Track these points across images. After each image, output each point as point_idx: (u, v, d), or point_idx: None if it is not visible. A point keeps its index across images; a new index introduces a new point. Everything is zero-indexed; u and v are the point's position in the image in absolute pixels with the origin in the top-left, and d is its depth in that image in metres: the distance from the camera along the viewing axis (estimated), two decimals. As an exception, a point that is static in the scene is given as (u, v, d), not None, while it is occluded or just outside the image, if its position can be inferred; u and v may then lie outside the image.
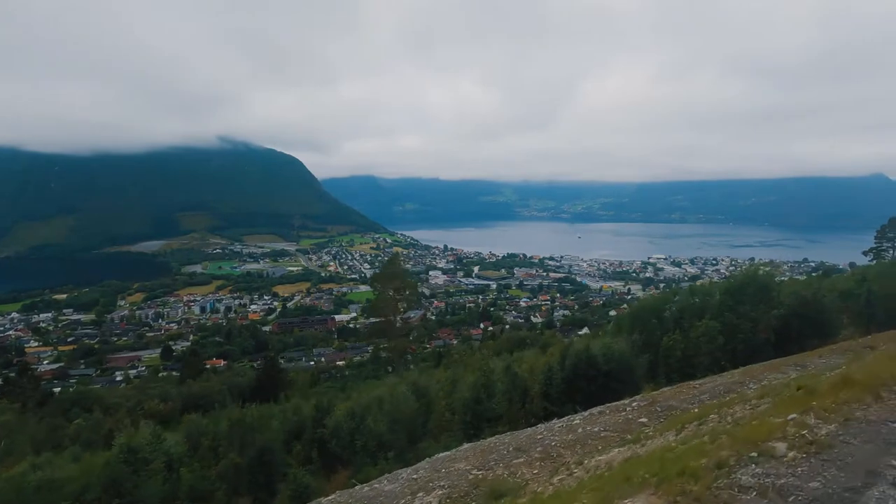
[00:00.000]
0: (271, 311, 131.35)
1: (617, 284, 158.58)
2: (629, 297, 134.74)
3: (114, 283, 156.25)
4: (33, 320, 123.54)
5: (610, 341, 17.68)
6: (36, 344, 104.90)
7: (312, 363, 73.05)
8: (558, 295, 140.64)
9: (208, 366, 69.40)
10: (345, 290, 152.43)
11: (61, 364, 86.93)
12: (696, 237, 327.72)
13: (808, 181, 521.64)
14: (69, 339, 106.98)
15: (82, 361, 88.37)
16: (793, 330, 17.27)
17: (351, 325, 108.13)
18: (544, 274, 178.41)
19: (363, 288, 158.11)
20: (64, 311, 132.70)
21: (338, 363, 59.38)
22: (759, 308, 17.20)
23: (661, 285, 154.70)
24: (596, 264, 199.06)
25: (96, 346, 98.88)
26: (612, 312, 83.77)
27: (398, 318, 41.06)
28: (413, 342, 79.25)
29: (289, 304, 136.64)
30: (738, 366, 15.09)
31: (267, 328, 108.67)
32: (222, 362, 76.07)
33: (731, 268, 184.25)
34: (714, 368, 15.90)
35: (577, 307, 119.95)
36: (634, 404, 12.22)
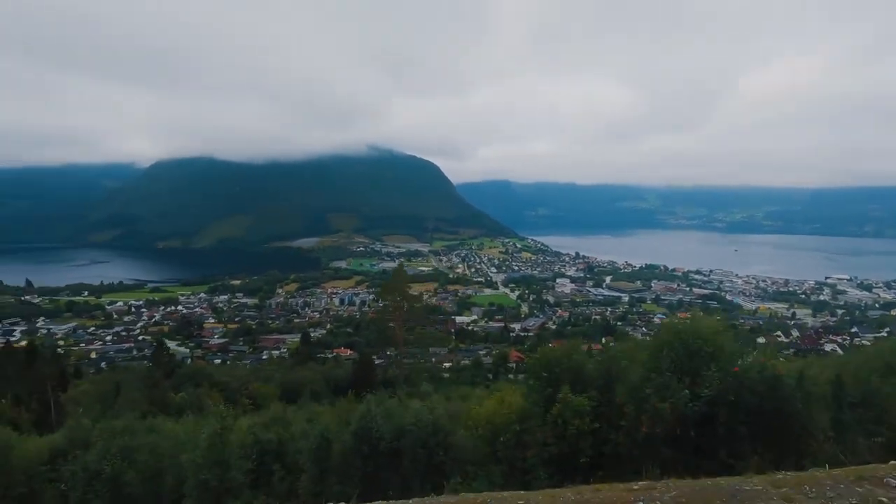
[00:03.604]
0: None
1: (779, 307, 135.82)
2: (792, 322, 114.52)
3: (275, 274, 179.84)
4: (214, 301, 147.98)
5: (432, 403, 12.70)
6: (213, 321, 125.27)
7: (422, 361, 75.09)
8: (700, 313, 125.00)
9: (335, 353, 75.96)
10: (469, 291, 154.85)
11: (226, 340, 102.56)
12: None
13: None
14: (236, 319, 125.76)
15: (241, 339, 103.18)
16: (719, 427, 10.41)
17: (469, 328, 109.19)
18: (687, 289, 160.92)
19: (487, 291, 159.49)
20: (236, 294, 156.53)
21: (444, 364, 60.17)
22: (672, 385, 10.64)
23: (840, 311, 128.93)
24: (754, 282, 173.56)
25: (254, 327, 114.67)
26: (761, 340, 70.59)
27: (402, 330, 40.13)
28: (525, 350, 77.20)
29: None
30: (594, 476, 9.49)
31: (391, 324, 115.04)
32: (349, 352, 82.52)
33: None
34: (549, 474, 10.45)
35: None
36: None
